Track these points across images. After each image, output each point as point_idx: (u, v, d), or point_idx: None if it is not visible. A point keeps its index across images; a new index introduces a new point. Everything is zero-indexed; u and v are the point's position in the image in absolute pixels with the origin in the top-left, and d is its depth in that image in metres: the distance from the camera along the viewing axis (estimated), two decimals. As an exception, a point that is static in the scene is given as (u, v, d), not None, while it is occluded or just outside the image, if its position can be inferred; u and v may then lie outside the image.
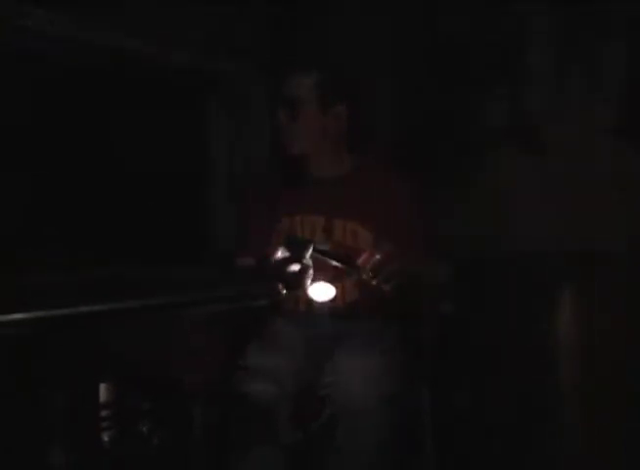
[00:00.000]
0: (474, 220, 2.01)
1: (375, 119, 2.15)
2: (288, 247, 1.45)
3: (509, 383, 1.98)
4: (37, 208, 2.18)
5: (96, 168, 2.33)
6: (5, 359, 1.36)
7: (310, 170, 1.88)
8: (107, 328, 1.49)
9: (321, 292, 1.57)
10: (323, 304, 1.66)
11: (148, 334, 1.58)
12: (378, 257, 1.42)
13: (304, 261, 1.45)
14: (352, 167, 1.88)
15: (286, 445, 1.61)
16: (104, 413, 1.66)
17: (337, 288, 1.66)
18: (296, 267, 1.44)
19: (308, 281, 1.49)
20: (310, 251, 1.43)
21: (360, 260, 1.44)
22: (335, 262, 1.47)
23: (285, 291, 1.56)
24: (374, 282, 1.43)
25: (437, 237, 1.74)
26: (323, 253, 1.49)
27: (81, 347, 1.49)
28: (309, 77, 1.80)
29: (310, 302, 1.71)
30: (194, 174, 2.63)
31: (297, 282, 1.49)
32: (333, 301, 1.66)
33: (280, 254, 1.45)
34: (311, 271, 1.47)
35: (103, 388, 1.65)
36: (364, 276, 1.44)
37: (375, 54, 2.26)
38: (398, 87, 2.21)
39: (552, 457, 1.92)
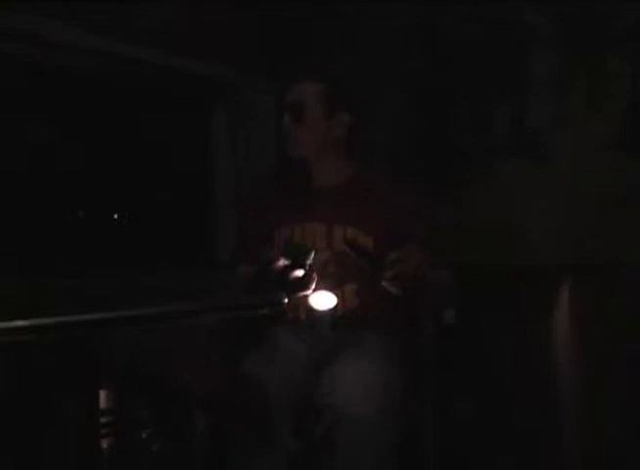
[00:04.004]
0: (475, 229, 2.01)
1: (376, 128, 2.16)
2: (287, 254, 1.46)
3: (510, 393, 1.97)
4: (42, 213, 2.19)
5: (100, 174, 2.34)
6: (8, 366, 1.36)
7: (311, 178, 1.89)
8: (108, 335, 1.50)
9: (322, 300, 1.57)
10: (323, 312, 1.66)
11: (150, 342, 1.58)
12: (397, 254, 1.49)
13: (307, 268, 1.46)
14: (352, 175, 1.89)
15: (285, 453, 1.60)
16: (104, 420, 1.66)
17: (337, 296, 1.67)
18: (299, 273, 1.46)
19: (312, 286, 1.50)
20: (312, 257, 1.45)
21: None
22: (356, 255, 1.55)
23: (288, 297, 1.58)
24: (387, 280, 1.50)
25: (438, 245, 1.74)
26: (351, 245, 1.57)
27: (83, 353, 1.49)
28: (317, 84, 1.84)
29: (311, 310, 1.71)
30: (198, 181, 2.64)
31: (302, 288, 1.50)
32: (333, 309, 1.66)
33: (282, 261, 1.46)
34: (315, 276, 1.48)
35: (104, 394, 1.65)
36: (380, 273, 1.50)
37: (377, 62, 2.27)
38: (400, 96, 2.22)
39: (554, 466, 1.91)
